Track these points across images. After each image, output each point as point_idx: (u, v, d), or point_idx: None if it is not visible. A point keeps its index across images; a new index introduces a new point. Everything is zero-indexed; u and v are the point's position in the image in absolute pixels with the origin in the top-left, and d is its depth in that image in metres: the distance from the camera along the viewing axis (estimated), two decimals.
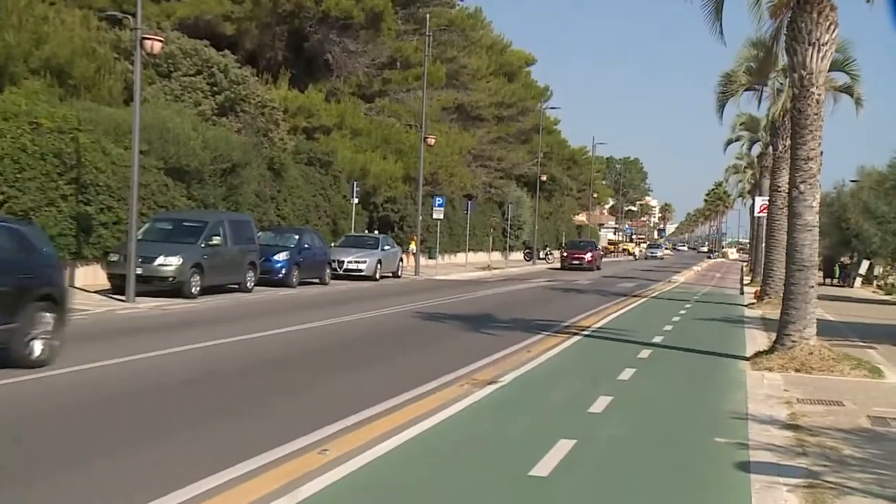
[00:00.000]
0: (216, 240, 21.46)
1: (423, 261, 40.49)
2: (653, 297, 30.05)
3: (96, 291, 20.23)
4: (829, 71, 14.61)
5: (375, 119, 42.13)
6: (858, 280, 46.38)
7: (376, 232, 40.00)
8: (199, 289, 20.44)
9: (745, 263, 75.68)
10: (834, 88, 26.05)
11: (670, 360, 14.01)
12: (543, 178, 62.93)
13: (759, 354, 14.06)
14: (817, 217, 13.92)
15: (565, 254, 50.46)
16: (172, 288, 19.93)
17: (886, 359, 14.90)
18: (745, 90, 28.32)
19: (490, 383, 10.94)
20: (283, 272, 25.21)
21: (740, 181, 71.77)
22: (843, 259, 48.63)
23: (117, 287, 19.42)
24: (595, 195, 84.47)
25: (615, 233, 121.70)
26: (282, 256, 25.35)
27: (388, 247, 32.88)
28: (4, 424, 7.84)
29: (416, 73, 42.69)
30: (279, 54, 37.14)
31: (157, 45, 19.50)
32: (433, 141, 38.49)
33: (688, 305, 26.59)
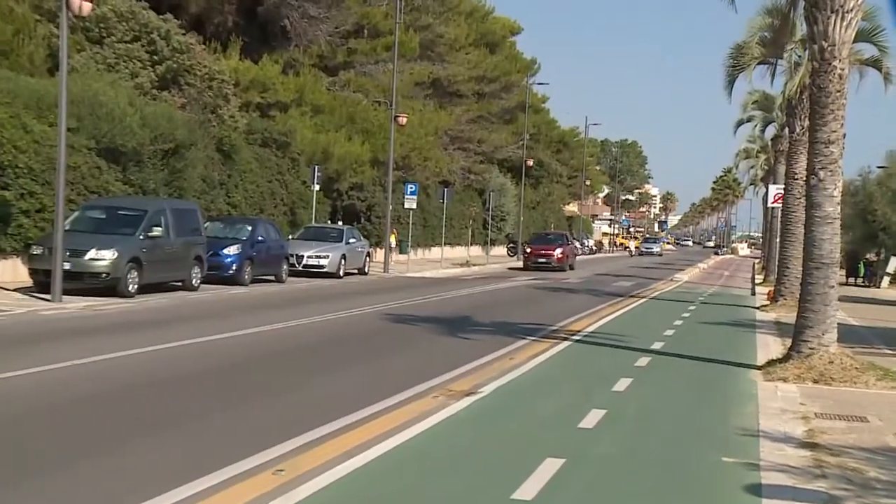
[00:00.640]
0: (157, 231, 21.32)
1: (393, 256, 40.44)
2: (652, 298, 30.18)
3: (16, 289, 20.03)
4: (853, 42, 14.70)
5: (339, 95, 42.01)
6: (886, 279, 46.76)
7: (340, 223, 39.90)
8: (136, 286, 20.30)
9: (756, 260, 76.31)
10: (859, 62, 26.15)
11: (672, 369, 14.06)
12: (530, 162, 63.13)
13: (772, 363, 14.14)
14: (839, 208, 13.99)
15: (528, 250, 45.48)
16: (106, 286, 19.78)
17: None
18: (759, 64, 28.36)
19: (468, 394, 10.92)
20: (234, 268, 25.11)
21: (752, 167, 72.27)
22: (869, 256, 49.05)
23: (41, 284, 19.23)
24: (588, 182, 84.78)
25: (610, 225, 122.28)
26: (232, 250, 25.24)
27: (353, 240, 32.83)
28: None
29: (385, 43, 42.59)
30: (229, 19, 36.89)
31: (87, 6, 19.27)
32: (405, 120, 38.45)
33: (692, 307, 26.73)
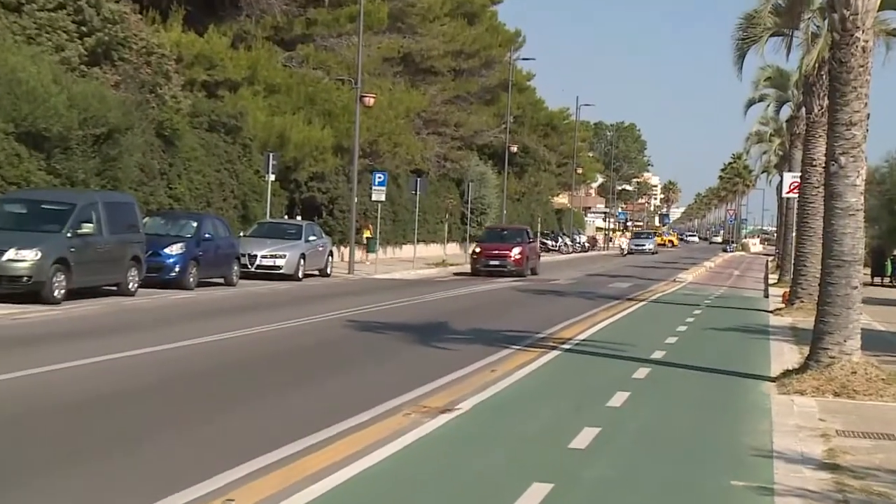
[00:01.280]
0: (87, 228, 21.16)
1: (358, 255, 40.38)
2: (652, 301, 30.29)
3: None
4: (879, 10, 14.75)
5: (297, 72, 41.85)
6: None
7: (299, 218, 39.79)
8: (63, 292, 20.15)
9: (770, 258, 76.72)
10: (885, 32, 26.18)
11: (674, 382, 14.08)
12: (514, 148, 63.22)
13: (787, 374, 14.19)
14: (862, 199, 14.05)
15: (477, 250, 41.02)
16: (28, 291, 19.62)
17: None
18: (772, 35, 28.34)
19: (444, 411, 10.90)
20: (177, 270, 24.99)
21: (765, 153, 72.59)
22: None
23: None
24: (579, 171, 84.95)
25: (605, 219, 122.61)
26: (175, 250, 25.12)
27: (313, 237, 32.76)
28: None
29: (349, 13, 42.44)
30: None
31: None
32: (372, 101, 38.38)
33: (697, 311, 26.84)
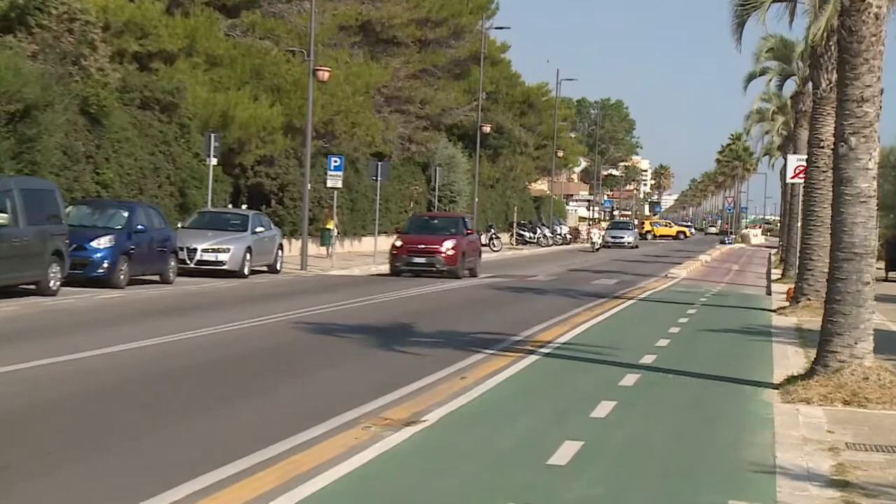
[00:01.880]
0: (1, 218, 21.00)
1: (312, 248, 40.27)
2: (641, 300, 30.35)
3: None
4: None
5: (242, 42, 41.65)
6: None
7: (244, 207, 39.59)
8: None
9: (773, 251, 77.12)
10: None
11: (666, 390, 14.13)
12: (486, 128, 63.18)
13: (792, 380, 14.23)
14: (875, 184, 14.11)
15: (398, 244, 36.19)
16: None
17: None
18: (774, 1, 28.51)
19: (408, 424, 10.88)
20: (105, 266, 24.81)
21: (767, 133, 72.75)
22: None
23: None
24: (560, 154, 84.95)
25: (589, 207, 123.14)
26: (103, 243, 24.94)
27: (261, 228, 32.60)
28: None
29: None
30: None
31: None
32: (327, 75, 38.22)
33: (691, 311, 26.92)
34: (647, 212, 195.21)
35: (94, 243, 24.81)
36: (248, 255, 31.05)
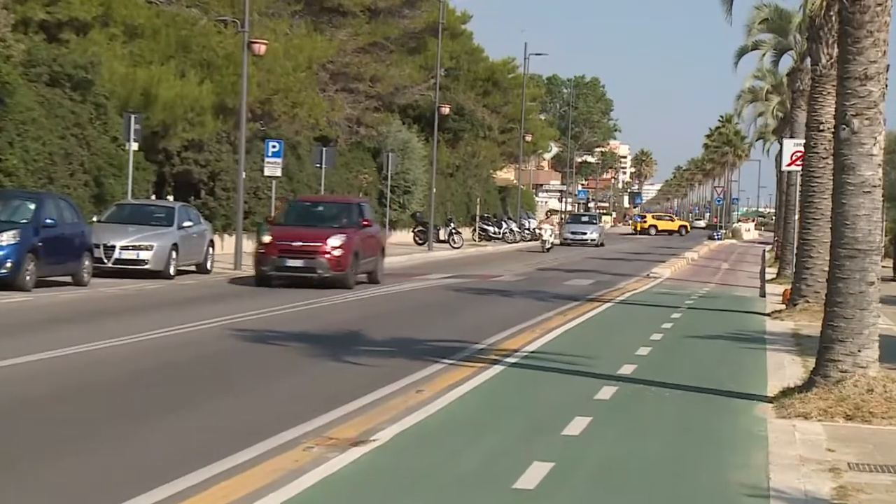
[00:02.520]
0: None
1: (247, 245, 40.09)
2: (620, 303, 30.44)
3: None
4: None
5: (166, 11, 41.39)
6: None
7: (170, 199, 39.32)
8: None
9: (768, 247, 77.58)
10: None
11: (647, 404, 14.17)
12: (445, 110, 63.15)
13: (788, 393, 14.29)
14: (880, 172, 14.16)
15: (266, 240, 30.43)
16: None
17: None
18: None
19: (356, 444, 10.87)
20: (9, 265, 24.59)
21: (760, 114, 73.29)
22: None
23: None
24: (528, 138, 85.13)
25: (561, 199, 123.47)
26: (5, 239, 24.73)
27: (189, 223, 32.43)
28: None
29: None
30: None
31: None
32: (264, 49, 38.02)
33: (676, 315, 27.02)
34: (626, 203, 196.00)
35: None
36: (174, 254, 30.85)
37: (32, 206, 26.12)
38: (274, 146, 38.36)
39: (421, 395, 13.99)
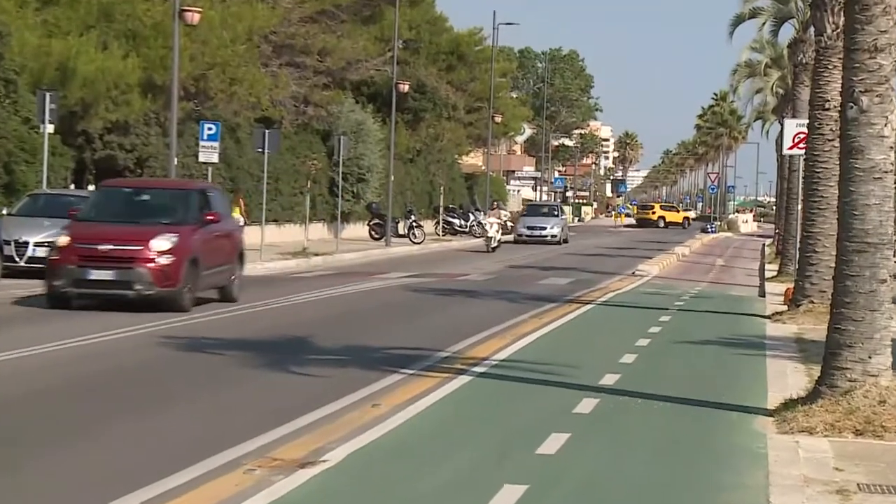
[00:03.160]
0: None
1: None
2: (601, 304, 30.49)
3: None
4: None
5: None
6: None
7: (92, 188, 39.12)
8: None
9: (767, 241, 77.87)
10: None
11: (632, 418, 14.21)
12: (404, 87, 63.09)
13: (790, 405, 14.32)
14: (892, 154, 14.20)
15: (64, 241, 24.56)
16: None
17: None
18: None
19: (303, 465, 10.86)
20: None
21: (759, 91, 73.52)
22: None
23: None
24: (498, 119, 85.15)
25: (535, 187, 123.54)
26: None
27: None
28: None
29: None
30: None
31: None
32: (197, 17, 37.94)
33: (664, 318, 27.08)
34: (608, 192, 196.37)
35: None
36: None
37: None
38: (210, 128, 38.26)
39: (377, 409, 13.98)
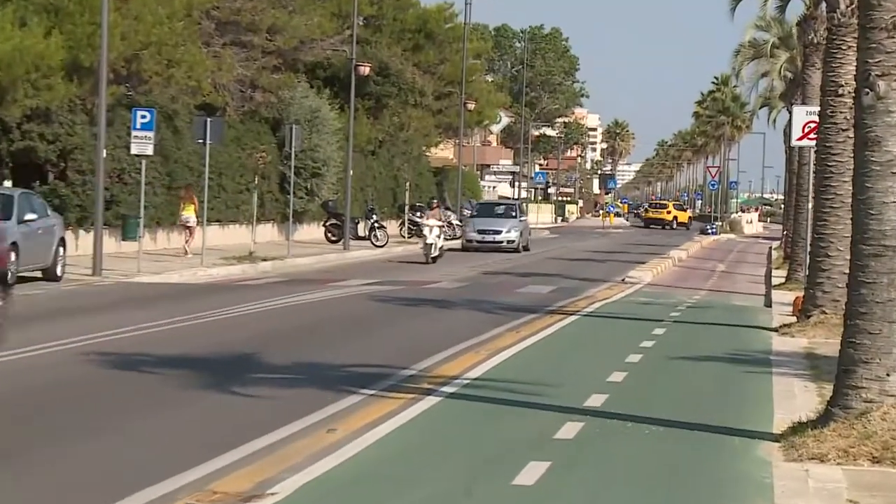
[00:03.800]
0: None
1: (110, 244, 39.89)
2: (587, 315, 30.53)
3: None
4: None
5: None
6: None
7: (8, 184, 39.01)
8: None
9: (775, 244, 78.02)
10: None
11: (621, 444, 14.22)
12: (365, 69, 63.05)
13: (799, 429, 14.36)
14: None
15: None
16: None
17: None
18: None
19: (248, 499, 10.89)
20: None
21: (765, 75, 73.61)
22: None
23: None
24: (471, 106, 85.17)
25: (513, 183, 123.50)
26: None
27: (32, 216, 32.24)
28: None
29: None
30: None
31: None
32: None
33: (658, 330, 27.13)
34: (596, 188, 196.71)
35: None
36: (13, 256, 30.62)
37: None
38: (143, 116, 38.11)
39: (332, 435, 13.99)
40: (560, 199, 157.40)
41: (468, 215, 70.72)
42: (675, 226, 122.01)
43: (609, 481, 12.28)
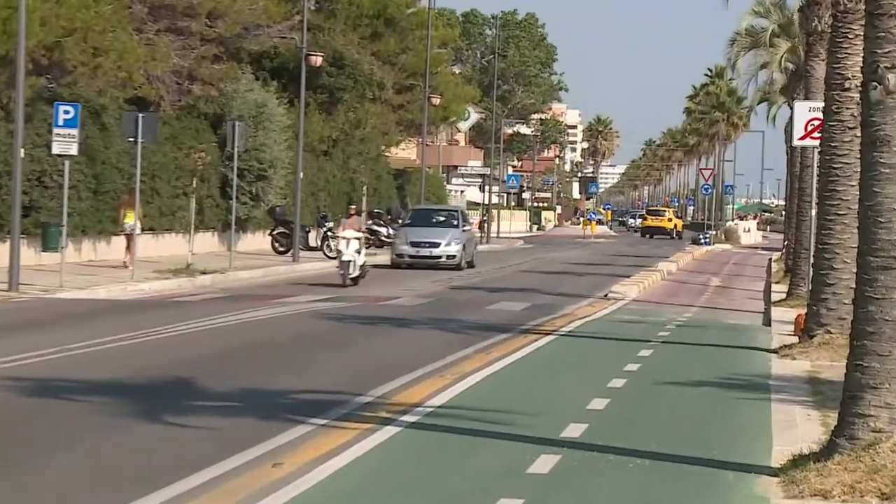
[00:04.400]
0: None
1: (28, 256, 39.80)
2: (566, 335, 30.56)
3: None
4: None
5: None
6: None
7: None
8: None
9: (775, 255, 78.28)
10: None
11: (602, 479, 14.24)
12: (317, 60, 63.09)
13: (801, 462, 14.39)
14: None
15: None
16: None
17: None
18: None
19: None
20: None
21: (763, 66, 73.85)
22: None
23: None
24: (437, 100, 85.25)
25: (483, 187, 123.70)
26: None
27: None
28: None
29: None
30: None
31: None
32: None
33: (645, 352, 27.18)
34: (576, 193, 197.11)
35: None
36: None
37: None
38: (67, 112, 38.07)
39: (279, 469, 13.99)
40: (536, 204, 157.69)
41: (400, 224, 67.21)
42: (674, 235, 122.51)
43: None
